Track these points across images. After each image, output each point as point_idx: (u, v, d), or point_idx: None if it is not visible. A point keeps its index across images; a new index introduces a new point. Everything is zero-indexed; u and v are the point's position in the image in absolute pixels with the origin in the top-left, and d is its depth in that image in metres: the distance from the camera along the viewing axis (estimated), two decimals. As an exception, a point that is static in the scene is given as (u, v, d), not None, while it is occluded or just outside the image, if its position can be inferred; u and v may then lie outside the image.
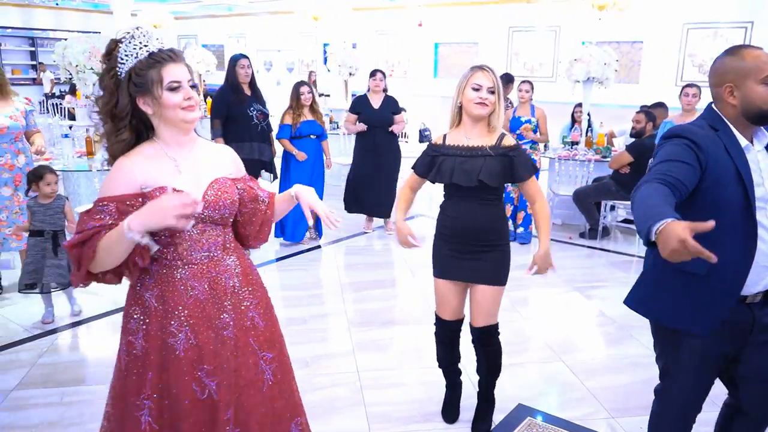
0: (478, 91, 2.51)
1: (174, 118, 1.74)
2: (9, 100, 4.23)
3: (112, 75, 1.72)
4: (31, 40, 15.43)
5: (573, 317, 4.37)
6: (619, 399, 3.17)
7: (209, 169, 1.84)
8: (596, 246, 5.96)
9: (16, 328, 3.87)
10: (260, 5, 14.49)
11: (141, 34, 1.71)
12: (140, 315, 1.79)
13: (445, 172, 2.59)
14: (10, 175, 4.22)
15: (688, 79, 10.30)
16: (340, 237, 6.06)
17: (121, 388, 1.80)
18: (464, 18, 12.88)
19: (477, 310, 2.70)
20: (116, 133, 1.76)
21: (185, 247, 1.79)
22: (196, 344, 1.77)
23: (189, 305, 1.78)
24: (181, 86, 1.73)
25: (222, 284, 1.84)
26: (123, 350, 1.81)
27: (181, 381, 1.75)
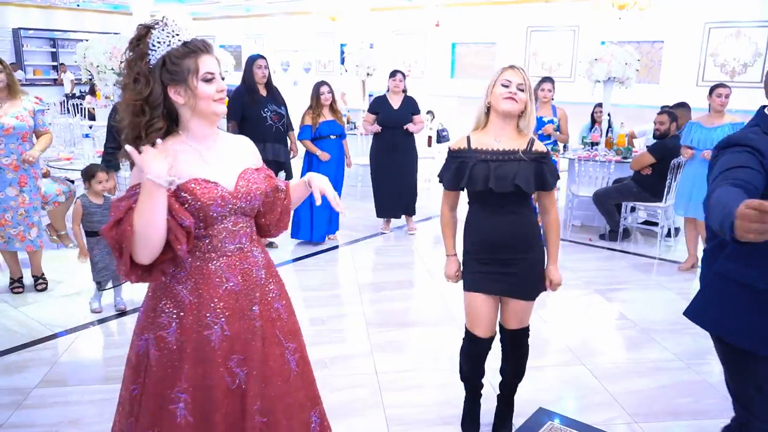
0: (508, 87, 2.43)
1: (206, 110, 1.73)
2: (18, 99, 4.22)
3: (146, 62, 1.68)
4: (52, 41, 15.62)
5: (593, 320, 4.31)
6: (642, 404, 3.12)
7: (235, 160, 1.84)
8: (616, 248, 5.89)
9: (38, 326, 3.90)
10: (278, 6, 14.54)
11: (173, 22, 1.70)
12: (172, 308, 1.77)
13: (477, 177, 2.43)
14: (14, 175, 4.22)
15: (709, 79, 10.16)
16: (357, 238, 6.05)
17: (155, 384, 1.77)
18: (482, 18, 12.82)
19: (510, 315, 2.64)
20: (151, 122, 1.70)
21: (220, 238, 1.79)
22: (230, 336, 1.78)
23: (224, 297, 1.79)
24: (215, 78, 1.72)
25: (252, 276, 1.86)
26: (152, 345, 1.78)
27: (216, 372, 1.76)
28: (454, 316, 4.19)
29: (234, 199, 1.78)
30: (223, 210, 1.76)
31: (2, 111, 4.13)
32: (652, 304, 4.51)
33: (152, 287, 1.83)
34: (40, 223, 4.42)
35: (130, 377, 1.86)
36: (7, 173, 4.21)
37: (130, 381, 1.86)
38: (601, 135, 6.85)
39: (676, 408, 3.08)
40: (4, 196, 4.23)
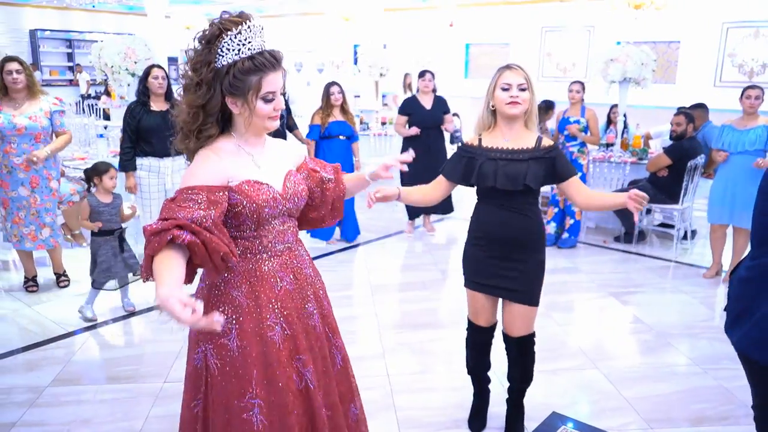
0: (508, 91, 2.44)
1: (258, 125, 1.74)
2: (37, 99, 4.27)
3: (211, 68, 1.65)
4: (68, 42, 15.75)
5: (608, 323, 4.26)
6: (658, 409, 3.06)
7: (282, 163, 1.86)
8: (632, 250, 5.82)
9: (52, 325, 3.92)
10: (291, 6, 14.56)
11: (247, 29, 1.63)
12: (231, 314, 1.73)
13: (486, 174, 2.48)
14: (26, 176, 4.26)
15: (727, 79, 10.04)
16: (370, 239, 6.04)
17: (220, 395, 1.73)
18: (495, 18, 12.76)
19: (512, 322, 2.64)
20: (204, 127, 1.70)
21: (270, 239, 1.79)
22: (291, 335, 1.78)
23: (280, 297, 1.79)
24: (275, 96, 1.71)
25: (303, 274, 1.89)
26: (211, 356, 1.74)
27: (284, 373, 1.75)
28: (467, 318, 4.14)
29: (283, 200, 1.79)
30: (275, 211, 1.77)
31: (18, 111, 4.17)
32: (668, 308, 4.45)
33: (204, 295, 1.78)
34: (53, 224, 4.44)
35: (190, 393, 1.82)
36: (19, 173, 4.25)
37: (190, 398, 1.82)
38: (617, 136, 6.78)
39: (693, 414, 3.03)
40: (17, 195, 4.27)
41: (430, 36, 13.47)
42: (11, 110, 4.17)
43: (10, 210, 4.30)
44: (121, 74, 5.50)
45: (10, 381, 3.23)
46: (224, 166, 1.70)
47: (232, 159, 1.73)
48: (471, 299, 2.72)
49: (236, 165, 1.73)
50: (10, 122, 4.14)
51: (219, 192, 1.66)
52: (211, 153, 1.72)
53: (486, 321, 2.71)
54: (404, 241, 6.06)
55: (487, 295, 2.65)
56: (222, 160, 1.71)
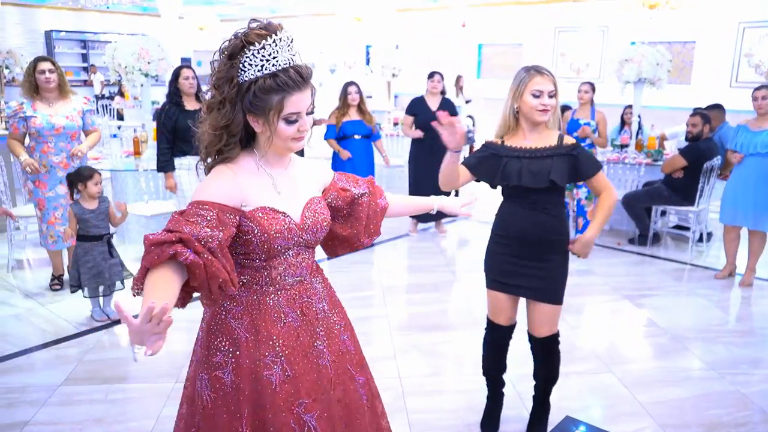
0: (540, 98, 2.42)
1: (281, 146, 1.61)
2: (68, 99, 4.35)
3: (234, 85, 1.53)
4: (83, 43, 15.89)
5: (622, 326, 4.21)
6: (673, 414, 3.02)
7: (303, 188, 1.73)
8: (646, 253, 5.76)
9: (65, 324, 3.94)
10: (303, 7, 14.60)
11: (273, 44, 1.50)
12: (228, 347, 1.63)
13: (510, 173, 2.48)
14: (64, 173, 4.32)
15: (743, 80, 9.93)
16: (381, 239, 6.02)
17: (210, 429, 1.63)
18: (508, 18, 12.70)
19: (537, 322, 2.63)
20: (224, 148, 1.60)
21: (279, 271, 1.66)
22: (292, 376, 1.63)
23: (283, 334, 1.65)
24: (299, 118, 1.57)
25: (313, 309, 1.73)
26: (205, 387, 1.64)
27: (279, 418, 1.60)
28: (478, 321, 4.12)
29: (300, 231, 1.65)
30: (288, 242, 1.63)
31: (53, 110, 4.26)
32: (684, 311, 4.39)
33: (207, 321, 1.69)
34: None
35: (191, 417, 1.70)
36: (57, 171, 4.32)
37: (190, 421, 1.70)
38: (631, 137, 6.71)
39: (709, 419, 2.98)
40: (55, 194, 4.33)
41: (443, 36, 13.43)
42: (47, 110, 4.24)
43: (46, 210, 4.35)
44: (135, 75, 5.52)
45: (24, 380, 3.24)
46: (240, 186, 1.58)
47: (250, 179, 1.60)
48: (492, 299, 2.70)
49: (254, 187, 1.60)
50: (49, 122, 4.21)
51: (230, 214, 1.53)
52: (228, 170, 1.59)
53: (506, 320, 2.70)
54: (416, 242, 6.04)
55: (509, 295, 2.65)
56: (239, 179, 1.58)
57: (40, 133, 4.20)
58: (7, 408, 2.98)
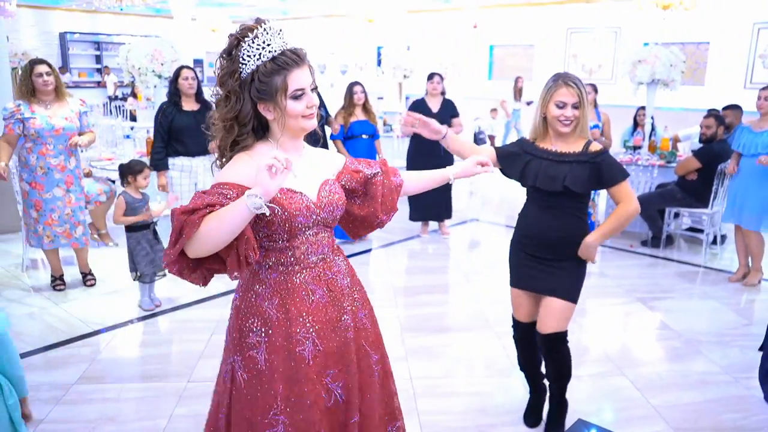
0: (563, 109, 2.46)
1: (294, 126, 1.69)
2: (64, 101, 4.35)
3: (236, 78, 1.64)
4: (96, 45, 16.02)
5: (635, 329, 4.18)
6: (686, 418, 2.99)
7: (318, 172, 1.81)
8: (659, 255, 5.71)
9: (78, 323, 3.97)
10: (314, 9, 14.64)
11: (264, 32, 1.62)
12: (260, 327, 1.70)
13: (529, 174, 2.55)
14: (61, 176, 4.33)
15: (758, 81, 9.82)
16: (392, 240, 6.02)
17: (245, 410, 1.70)
18: (520, 19, 12.67)
19: (546, 316, 2.66)
20: (239, 138, 1.68)
21: (303, 250, 1.73)
22: (323, 350, 1.73)
23: (312, 310, 1.73)
24: (305, 93, 1.66)
25: (338, 285, 1.81)
26: (239, 368, 1.72)
27: (313, 391, 1.70)
28: (490, 322, 4.11)
29: (318, 209, 1.73)
30: (307, 221, 1.71)
31: (51, 112, 4.26)
32: (697, 314, 4.35)
33: (237, 306, 1.76)
34: (85, 222, 4.53)
35: (218, 403, 1.81)
36: (55, 174, 4.32)
37: (217, 407, 1.81)
38: (644, 139, 6.66)
39: (723, 424, 2.95)
40: (52, 196, 4.34)
41: (454, 37, 13.42)
42: (45, 111, 4.25)
43: (43, 212, 4.35)
44: (148, 76, 5.56)
45: (38, 378, 3.27)
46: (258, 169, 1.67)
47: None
48: (513, 296, 2.80)
49: None
50: (48, 123, 4.22)
51: None
52: (246, 156, 1.68)
53: (525, 316, 2.78)
54: (426, 244, 6.03)
55: (528, 292, 2.72)
56: (256, 163, 1.63)
57: (39, 134, 4.19)
58: (22, 406, 3.00)
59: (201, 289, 4.47)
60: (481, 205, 7.29)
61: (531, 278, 2.66)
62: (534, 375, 2.91)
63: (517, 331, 2.85)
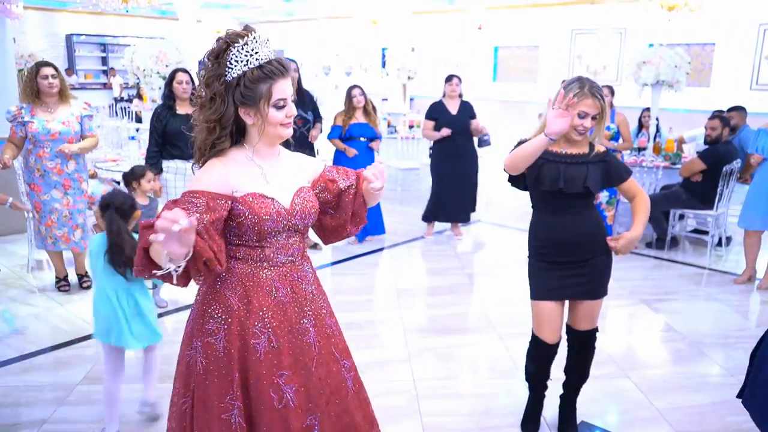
0: (584, 120, 2.43)
1: (272, 133, 1.74)
2: (68, 104, 4.36)
3: (222, 81, 1.68)
4: (102, 46, 16.10)
5: (639, 331, 4.17)
6: (691, 421, 2.98)
7: (293, 179, 1.84)
8: (664, 257, 5.69)
9: (82, 324, 3.98)
10: (319, 10, 14.66)
11: (253, 40, 1.66)
12: (221, 314, 1.74)
13: (546, 177, 2.49)
14: (58, 178, 4.34)
15: (764, 82, 9.80)
16: (397, 242, 6.02)
17: (203, 392, 1.74)
18: (525, 20, 12.66)
19: (579, 317, 2.69)
20: (218, 140, 1.73)
21: (272, 250, 1.78)
22: (277, 348, 1.75)
23: (272, 307, 1.76)
24: (286, 104, 1.72)
25: (302, 289, 1.84)
26: (199, 353, 1.75)
27: (260, 385, 1.72)
28: (494, 324, 4.11)
29: (289, 215, 1.77)
30: (277, 226, 1.75)
31: (51, 116, 4.28)
32: (702, 316, 4.33)
33: (202, 292, 1.80)
34: (84, 225, 4.52)
35: (181, 390, 1.82)
36: (51, 176, 4.33)
37: (181, 394, 1.82)
38: (649, 140, 6.65)
39: (728, 427, 2.94)
40: (50, 198, 4.35)
41: (459, 39, 13.42)
42: (45, 115, 4.26)
43: (43, 213, 4.38)
44: (153, 77, 5.59)
45: (42, 378, 3.29)
46: (230, 175, 1.71)
47: (239, 170, 1.74)
48: (538, 310, 2.66)
49: (243, 176, 1.74)
50: (45, 127, 4.23)
51: (220, 200, 1.67)
52: (218, 162, 1.74)
53: (552, 337, 2.66)
54: (431, 245, 6.02)
55: (556, 306, 2.63)
56: (229, 170, 1.72)
57: (36, 138, 4.21)
58: (26, 406, 3.02)
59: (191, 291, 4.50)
60: (485, 206, 7.28)
61: (562, 287, 2.59)
62: (542, 387, 2.84)
63: (541, 352, 2.70)
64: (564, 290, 2.61)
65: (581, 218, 2.56)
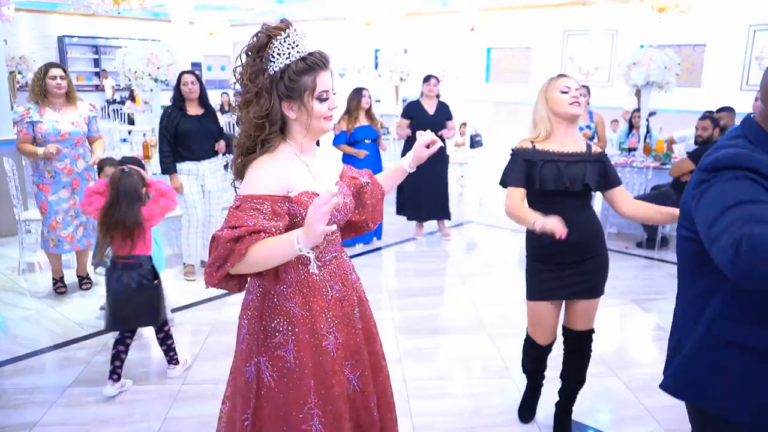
0: (568, 93, 2.49)
1: (316, 127, 1.71)
2: (75, 106, 4.40)
3: (266, 75, 1.64)
4: (94, 48, 16.04)
5: (629, 330, 4.20)
6: (680, 419, 2.97)
7: (330, 173, 1.87)
8: (654, 257, 5.73)
9: (74, 326, 3.98)
10: (313, 12, 14.67)
11: (294, 32, 1.64)
12: (286, 326, 1.72)
13: (547, 177, 2.47)
14: (68, 179, 4.36)
15: (754, 83, 9.86)
16: (388, 243, 6.03)
17: (278, 407, 1.72)
18: (517, 22, 12.70)
19: (577, 316, 2.70)
20: (268, 137, 1.67)
21: (321, 249, 1.77)
22: (342, 342, 1.79)
23: (332, 305, 1.79)
24: (329, 95, 1.70)
25: (350, 279, 1.88)
26: (266, 368, 1.72)
27: (339, 381, 1.76)
28: (484, 324, 4.12)
29: (335, 211, 1.75)
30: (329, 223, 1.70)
31: (60, 116, 4.30)
32: (692, 316, 4.36)
33: (257, 308, 1.75)
34: (87, 223, 4.52)
35: (240, 408, 1.78)
36: (62, 177, 4.35)
37: (240, 412, 1.78)
38: (639, 140, 6.69)
39: (716, 424, 2.96)
40: (57, 198, 4.36)
41: (451, 40, 13.45)
42: (54, 115, 4.28)
43: (47, 214, 4.38)
44: (144, 80, 5.58)
45: (33, 381, 3.28)
46: (284, 174, 1.67)
47: (290, 167, 1.70)
48: (534, 312, 2.69)
49: (294, 174, 1.69)
50: (55, 128, 4.25)
51: (281, 203, 1.63)
52: (271, 159, 1.68)
53: (545, 339, 2.71)
54: (422, 246, 6.04)
55: (551, 307, 2.65)
56: (283, 168, 1.67)
57: (45, 138, 4.23)
58: (16, 409, 3.01)
59: (195, 293, 4.51)
60: (478, 206, 7.31)
61: (559, 288, 2.60)
62: (539, 378, 2.90)
63: (534, 350, 2.76)
64: (561, 290, 2.61)
65: (579, 217, 2.52)
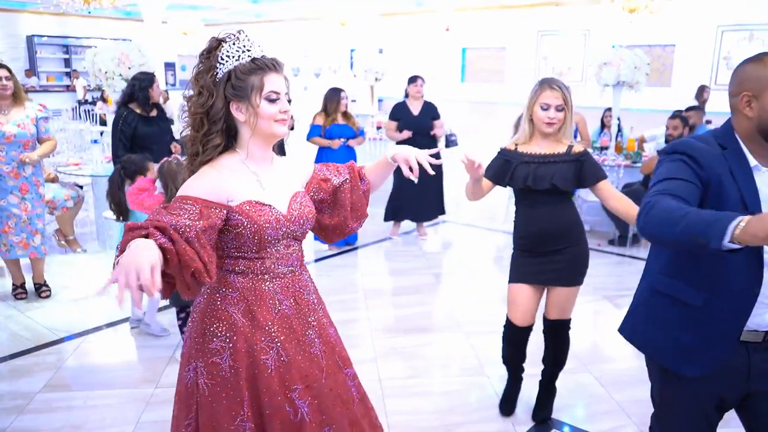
0: (547, 111, 2.58)
1: (266, 130, 1.67)
2: (22, 106, 4.21)
3: (212, 75, 1.64)
4: (65, 48, 15.77)
5: (601, 326, 4.26)
6: (650, 412, 3.04)
7: (288, 184, 1.79)
8: (626, 254, 5.83)
9: (44, 331, 3.91)
10: (288, 11, 14.61)
11: (246, 38, 1.65)
12: (225, 332, 1.66)
13: (518, 177, 2.65)
14: (15, 183, 4.20)
15: (722, 83, 10.06)
16: (365, 242, 6.03)
17: (211, 417, 1.66)
18: (492, 22, 12.80)
19: (552, 305, 2.82)
20: (208, 137, 1.66)
21: (272, 261, 1.72)
22: (287, 362, 1.69)
23: (277, 320, 1.71)
24: (279, 98, 1.67)
25: (305, 299, 1.80)
26: (201, 374, 1.67)
27: (274, 401, 1.66)
28: (460, 322, 4.15)
29: (287, 222, 1.71)
30: (277, 233, 1.69)
31: (5, 118, 4.13)
32: (662, 311, 4.44)
33: (200, 310, 1.72)
34: (43, 230, 4.40)
35: (183, 413, 1.74)
36: (8, 181, 4.18)
37: (182, 417, 1.74)
38: (611, 139, 6.79)
39: (685, 417, 3.02)
40: (6, 203, 4.21)
41: (427, 40, 13.50)
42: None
43: None
44: (115, 80, 5.49)
45: (2, 387, 3.22)
46: (224, 183, 1.64)
47: (234, 177, 1.66)
48: (512, 294, 2.83)
49: (238, 183, 1.66)
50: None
51: (215, 209, 1.59)
52: (212, 169, 1.66)
53: (521, 320, 2.82)
54: (398, 246, 6.06)
55: (529, 287, 2.77)
56: (223, 178, 1.65)
57: None
58: (-16, 416, 2.96)
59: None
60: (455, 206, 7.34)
61: (538, 272, 2.74)
62: (517, 368, 3.00)
63: (510, 332, 2.89)
64: (537, 276, 2.75)
65: (556, 211, 2.68)
